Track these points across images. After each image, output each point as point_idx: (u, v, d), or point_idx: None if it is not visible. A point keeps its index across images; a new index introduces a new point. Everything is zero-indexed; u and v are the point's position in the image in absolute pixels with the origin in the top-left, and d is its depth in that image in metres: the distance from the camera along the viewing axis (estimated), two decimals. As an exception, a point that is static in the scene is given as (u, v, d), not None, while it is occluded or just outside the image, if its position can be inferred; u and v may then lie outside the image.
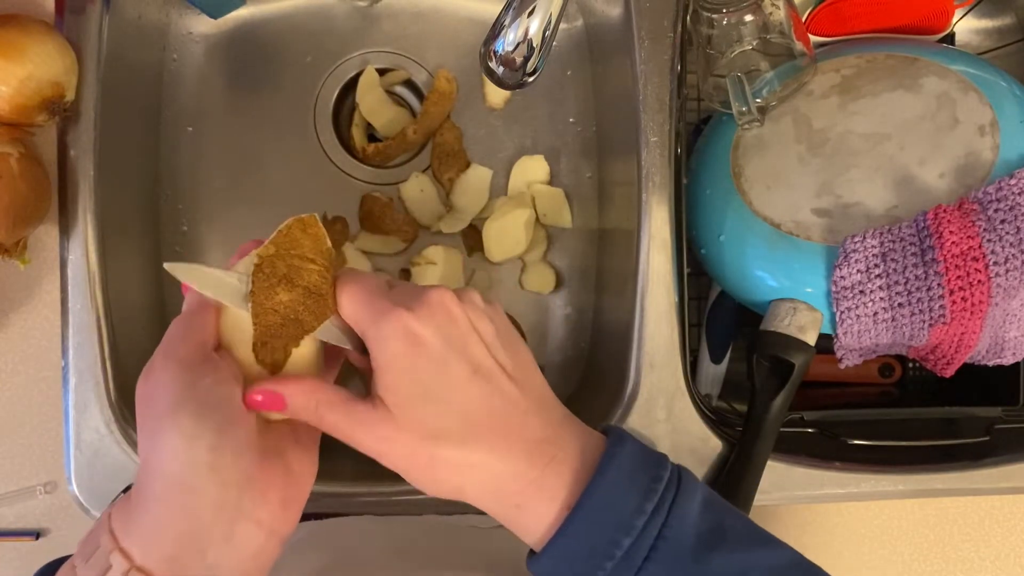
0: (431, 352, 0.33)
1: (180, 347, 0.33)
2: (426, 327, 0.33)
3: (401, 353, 0.33)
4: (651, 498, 0.33)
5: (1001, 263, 0.47)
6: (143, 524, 0.31)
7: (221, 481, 0.31)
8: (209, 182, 0.65)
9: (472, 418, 0.33)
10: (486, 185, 0.65)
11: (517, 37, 0.42)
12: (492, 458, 0.33)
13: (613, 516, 0.33)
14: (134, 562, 0.30)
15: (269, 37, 0.65)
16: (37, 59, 0.49)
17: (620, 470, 0.34)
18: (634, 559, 0.33)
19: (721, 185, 0.56)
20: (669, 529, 0.33)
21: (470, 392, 0.33)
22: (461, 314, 0.34)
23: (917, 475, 0.57)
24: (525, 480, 0.34)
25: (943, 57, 0.54)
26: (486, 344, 0.34)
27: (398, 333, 0.33)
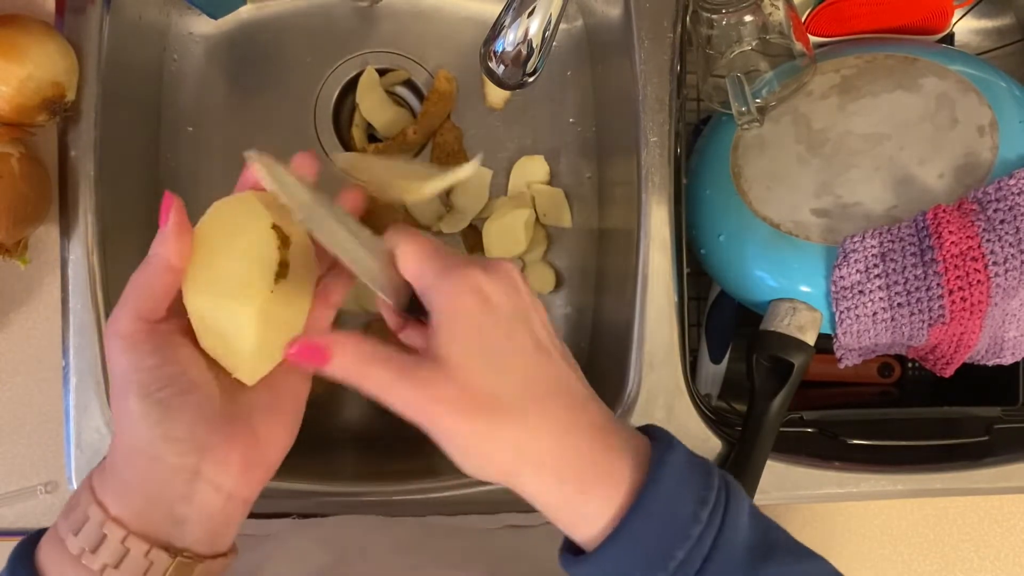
0: (499, 314, 0.31)
1: (123, 322, 0.33)
2: (496, 289, 0.32)
3: (470, 308, 0.31)
4: (705, 506, 0.32)
5: (1000, 263, 0.47)
6: (115, 484, 0.32)
7: (177, 450, 0.32)
8: (209, 182, 0.65)
9: (536, 388, 0.31)
10: (486, 185, 0.66)
11: (517, 37, 0.42)
12: (557, 429, 0.31)
13: (670, 523, 0.31)
14: (109, 513, 0.31)
15: (269, 37, 0.65)
16: (37, 59, 0.49)
17: (675, 476, 0.32)
18: (688, 570, 0.31)
19: (721, 185, 0.57)
20: (723, 539, 0.31)
21: (535, 361, 0.32)
22: (526, 289, 0.33)
23: (917, 475, 0.57)
24: (588, 460, 0.31)
25: (942, 57, 0.54)
26: (543, 323, 0.33)
27: (469, 288, 0.31)
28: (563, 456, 0.31)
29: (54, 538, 0.32)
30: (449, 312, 0.31)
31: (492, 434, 0.30)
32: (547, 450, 0.31)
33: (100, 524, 0.31)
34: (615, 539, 0.31)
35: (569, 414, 0.32)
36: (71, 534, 0.32)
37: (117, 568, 0.31)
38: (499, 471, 0.31)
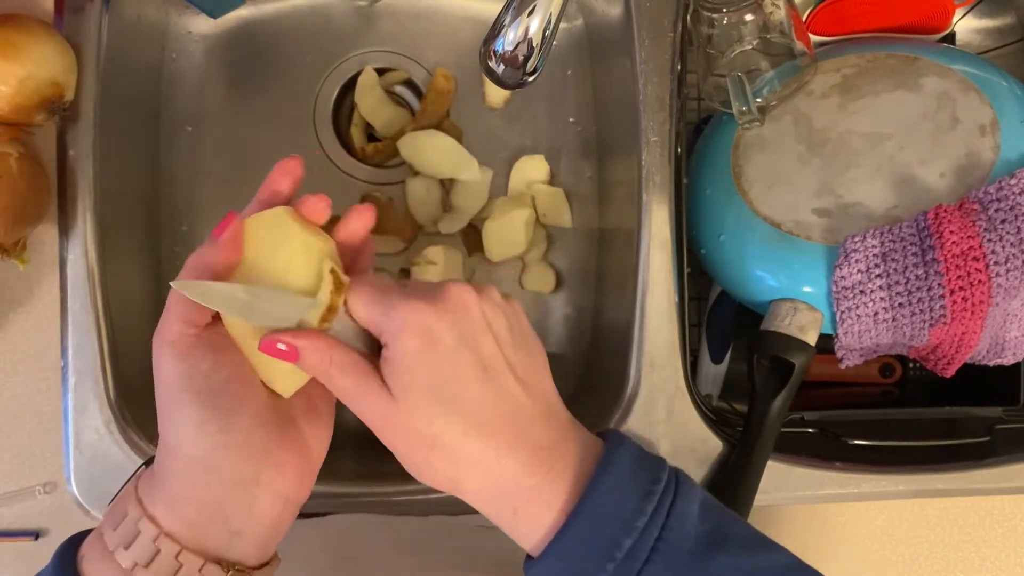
0: (443, 347, 0.32)
1: (172, 328, 0.33)
2: (440, 320, 0.32)
3: (413, 348, 0.32)
4: (651, 499, 0.33)
5: (1002, 263, 0.47)
6: (167, 496, 0.32)
7: (237, 458, 0.32)
8: (209, 182, 0.65)
9: (476, 416, 0.33)
10: (486, 185, 0.65)
11: (517, 37, 0.42)
12: (492, 457, 0.33)
13: (613, 518, 0.33)
14: (162, 528, 0.32)
15: (269, 37, 0.65)
16: (36, 59, 0.49)
17: (619, 473, 0.34)
18: (635, 560, 0.32)
19: (721, 185, 0.56)
20: (669, 531, 0.33)
21: (477, 391, 0.33)
22: (477, 309, 0.34)
23: (917, 475, 0.57)
24: (523, 486, 0.34)
25: (943, 57, 0.54)
26: (499, 342, 0.34)
27: (412, 326, 0.32)
28: (498, 478, 0.34)
29: (99, 548, 0.32)
30: (395, 352, 0.32)
31: (431, 454, 0.33)
32: (484, 472, 0.33)
33: (152, 539, 0.31)
34: (556, 543, 0.33)
35: (507, 442, 0.33)
36: (121, 548, 0.32)
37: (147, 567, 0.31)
38: (443, 482, 0.34)
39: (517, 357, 0.35)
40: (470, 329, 0.33)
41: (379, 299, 0.33)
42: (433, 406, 0.32)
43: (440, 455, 0.33)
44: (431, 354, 0.32)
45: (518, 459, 0.33)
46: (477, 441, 0.33)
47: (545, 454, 0.34)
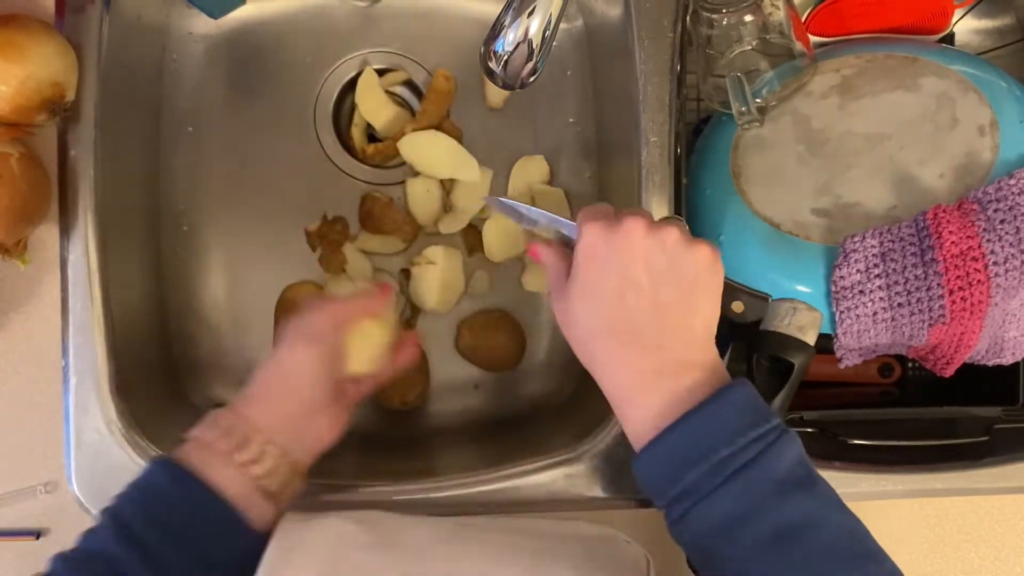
0: (597, 262, 0.41)
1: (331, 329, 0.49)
2: (605, 243, 0.40)
3: (581, 254, 0.41)
4: (756, 429, 0.37)
5: (1000, 263, 0.47)
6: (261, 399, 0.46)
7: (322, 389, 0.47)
8: (209, 182, 0.65)
9: (610, 325, 0.40)
10: (486, 185, 0.65)
11: (517, 37, 0.42)
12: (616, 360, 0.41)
13: (718, 430, 0.37)
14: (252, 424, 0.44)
15: (269, 37, 0.65)
16: (37, 59, 0.49)
17: (733, 399, 0.38)
18: (727, 468, 0.36)
19: (721, 185, 0.57)
20: (764, 457, 0.37)
21: (612, 302, 0.40)
22: (640, 243, 0.40)
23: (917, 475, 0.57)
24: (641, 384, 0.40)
25: (943, 57, 0.54)
26: (648, 273, 0.40)
27: (584, 239, 0.41)
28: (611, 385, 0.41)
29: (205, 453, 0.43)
30: (575, 257, 0.42)
31: (575, 343, 0.43)
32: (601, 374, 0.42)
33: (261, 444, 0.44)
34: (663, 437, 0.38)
35: (633, 351, 0.40)
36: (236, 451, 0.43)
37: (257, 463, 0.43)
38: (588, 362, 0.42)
39: (663, 291, 0.40)
40: (624, 255, 0.40)
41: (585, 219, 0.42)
42: (582, 301, 0.41)
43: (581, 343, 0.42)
44: (589, 263, 0.41)
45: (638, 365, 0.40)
46: (604, 339, 0.41)
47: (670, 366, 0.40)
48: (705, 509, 0.37)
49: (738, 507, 0.36)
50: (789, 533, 0.35)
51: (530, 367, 0.67)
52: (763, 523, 0.36)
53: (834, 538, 0.36)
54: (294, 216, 0.65)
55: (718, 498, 0.37)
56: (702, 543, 0.38)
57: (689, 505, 0.37)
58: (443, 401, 0.67)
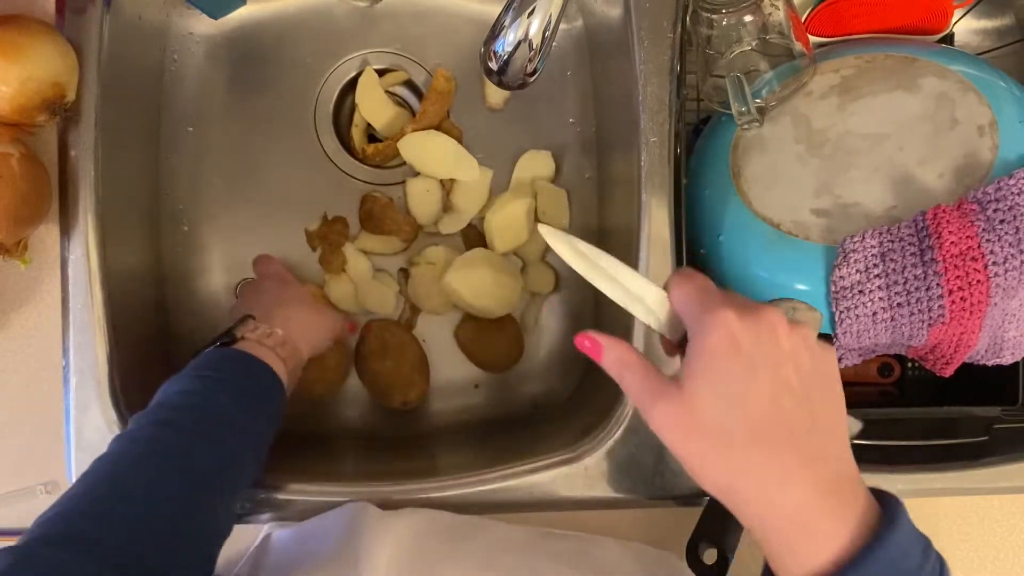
0: (743, 356, 0.34)
1: None
2: (747, 333, 0.34)
3: (715, 347, 0.34)
4: (928, 556, 0.34)
5: (1000, 263, 0.47)
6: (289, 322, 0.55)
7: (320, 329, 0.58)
8: (209, 182, 0.65)
9: (760, 432, 0.33)
10: (486, 185, 0.66)
11: (517, 37, 0.42)
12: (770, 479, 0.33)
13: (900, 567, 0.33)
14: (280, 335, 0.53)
15: (269, 38, 0.65)
16: (37, 59, 0.49)
17: (906, 531, 0.34)
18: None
19: (721, 185, 0.57)
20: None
21: (765, 404, 0.33)
22: (786, 337, 0.35)
23: (916, 475, 0.57)
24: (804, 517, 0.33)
25: (942, 57, 0.54)
26: (800, 374, 0.35)
27: (720, 329, 0.34)
28: (769, 509, 0.34)
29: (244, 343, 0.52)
30: (698, 348, 0.35)
31: (705, 458, 0.34)
32: (755, 495, 0.34)
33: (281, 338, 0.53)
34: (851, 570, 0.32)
35: (788, 467, 0.33)
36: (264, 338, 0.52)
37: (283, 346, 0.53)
38: (712, 489, 0.34)
39: (812, 394, 0.35)
40: (772, 351, 0.34)
41: (700, 298, 0.36)
42: (720, 405, 0.33)
43: (718, 454, 0.34)
44: (730, 357, 0.34)
45: (796, 490, 0.33)
46: (756, 457, 0.33)
47: (827, 489, 0.34)
48: None
49: None
50: None
51: (530, 367, 0.67)
52: None
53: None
54: (294, 216, 0.65)
55: None
56: None
57: None
58: (443, 401, 0.67)
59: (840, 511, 0.33)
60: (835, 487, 0.34)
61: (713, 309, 0.34)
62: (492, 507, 0.54)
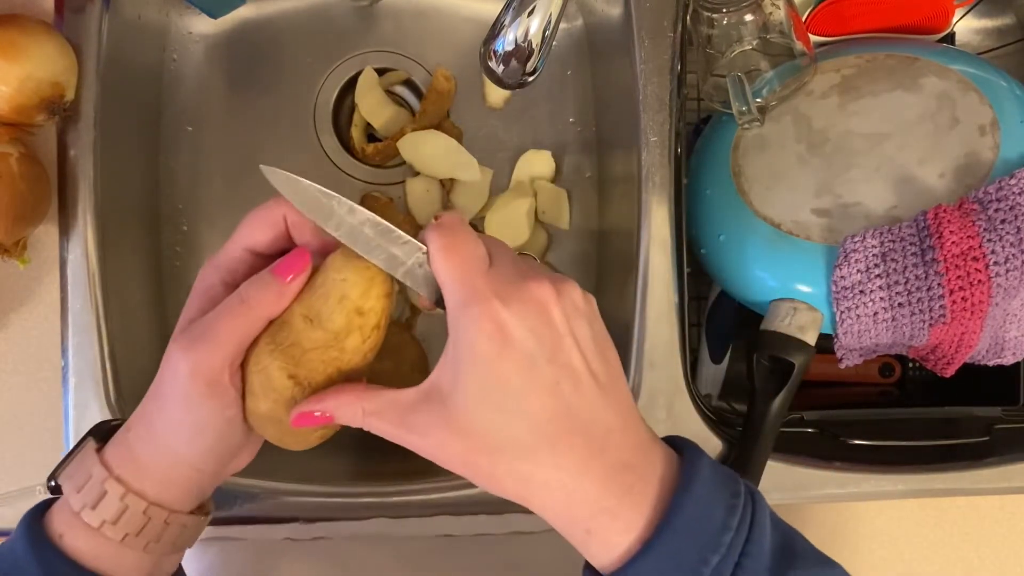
0: (517, 352, 0.30)
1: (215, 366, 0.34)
2: (518, 322, 0.30)
3: (486, 348, 0.30)
4: (734, 514, 0.32)
5: (1001, 263, 0.47)
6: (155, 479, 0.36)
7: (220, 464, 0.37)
8: (209, 182, 0.65)
9: (546, 431, 0.30)
10: (486, 185, 0.65)
11: (517, 37, 0.42)
12: (562, 476, 0.31)
13: (701, 534, 0.31)
14: (131, 488, 0.35)
15: (269, 37, 0.65)
16: (37, 59, 0.49)
17: (703, 488, 0.32)
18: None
19: (721, 185, 0.56)
20: (752, 545, 0.31)
21: (549, 403, 0.30)
22: (560, 314, 0.31)
23: (917, 475, 0.57)
24: (598, 506, 0.31)
25: (943, 57, 0.54)
26: (581, 350, 0.31)
27: (487, 327, 0.30)
28: (570, 498, 0.31)
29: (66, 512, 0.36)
30: (465, 349, 0.30)
31: (493, 472, 0.31)
32: (554, 491, 0.31)
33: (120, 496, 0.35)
34: (641, 559, 0.31)
35: (580, 459, 0.31)
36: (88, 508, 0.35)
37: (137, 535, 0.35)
38: (512, 496, 0.32)
39: (599, 363, 0.32)
40: (548, 336, 0.31)
41: (463, 276, 0.31)
42: (496, 418, 0.30)
43: (506, 470, 0.31)
44: (502, 358, 0.30)
45: (593, 478, 0.31)
46: (546, 455, 0.30)
47: (624, 473, 0.31)
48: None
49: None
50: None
51: (530, 367, 0.67)
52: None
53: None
54: (294, 216, 0.65)
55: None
56: None
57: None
58: (443, 401, 0.66)
59: (639, 485, 0.32)
60: (630, 463, 0.32)
61: (477, 297, 0.30)
62: (492, 507, 0.54)
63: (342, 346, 0.34)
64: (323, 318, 0.33)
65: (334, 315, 0.33)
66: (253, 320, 0.34)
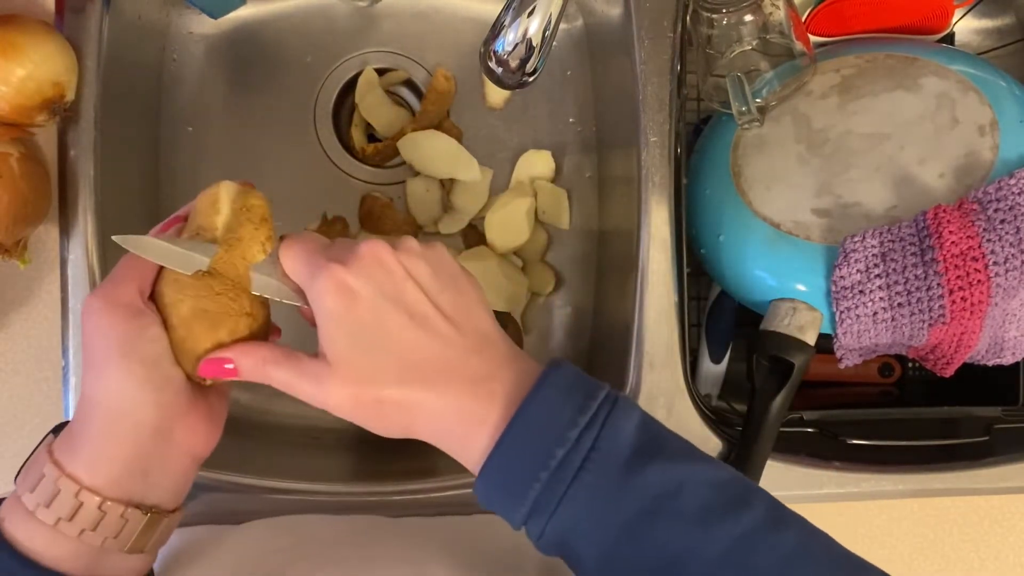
0: (364, 304, 0.34)
1: (124, 291, 0.36)
2: (357, 279, 0.34)
3: (336, 307, 0.34)
4: (585, 413, 0.34)
5: (1001, 263, 0.47)
6: (90, 454, 0.35)
7: (162, 416, 0.35)
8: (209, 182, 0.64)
9: (410, 362, 0.34)
10: (486, 185, 0.65)
11: (517, 37, 0.42)
12: (434, 397, 0.35)
13: (546, 429, 0.34)
14: (83, 484, 0.34)
15: (269, 37, 0.65)
16: (37, 59, 0.49)
17: (554, 388, 0.35)
18: (568, 469, 0.33)
19: (721, 185, 0.56)
20: (603, 441, 0.34)
21: (406, 339, 0.35)
22: (395, 262, 0.35)
23: (917, 475, 0.57)
24: (465, 415, 0.35)
25: (943, 57, 0.54)
26: (423, 289, 0.36)
27: (331, 288, 0.34)
28: (444, 415, 0.35)
29: (19, 511, 0.34)
30: (323, 314, 0.35)
31: (380, 407, 0.34)
32: (430, 413, 0.35)
33: (74, 494, 0.34)
34: (494, 455, 0.34)
35: (445, 381, 0.35)
36: (42, 506, 0.34)
37: (95, 530, 0.34)
38: (398, 431, 0.35)
39: (444, 298, 0.36)
40: (388, 281, 0.35)
41: (306, 260, 0.36)
42: (365, 359, 0.34)
43: (387, 404, 0.34)
44: (353, 311, 0.34)
45: (460, 393, 0.35)
46: (416, 385, 0.34)
47: (483, 385, 0.35)
48: (560, 521, 0.33)
49: (594, 506, 0.33)
50: (652, 508, 0.33)
51: (530, 367, 0.67)
52: (621, 512, 0.33)
53: (696, 498, 0.34)
54: (294, 216, 0.65)
55: (569, 506, 0.33)
56: (569, 552, 0.34)
57: (543, 523, 0.34)
58: (443, 401, 0.66)
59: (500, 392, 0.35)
60: (494, 374, 0.35)
61: (319, 269, 0.35)
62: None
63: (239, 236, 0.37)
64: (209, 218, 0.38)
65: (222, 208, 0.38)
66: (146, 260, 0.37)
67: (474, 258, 0.63)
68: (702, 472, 0.34)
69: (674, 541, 0.33)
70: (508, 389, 0.35)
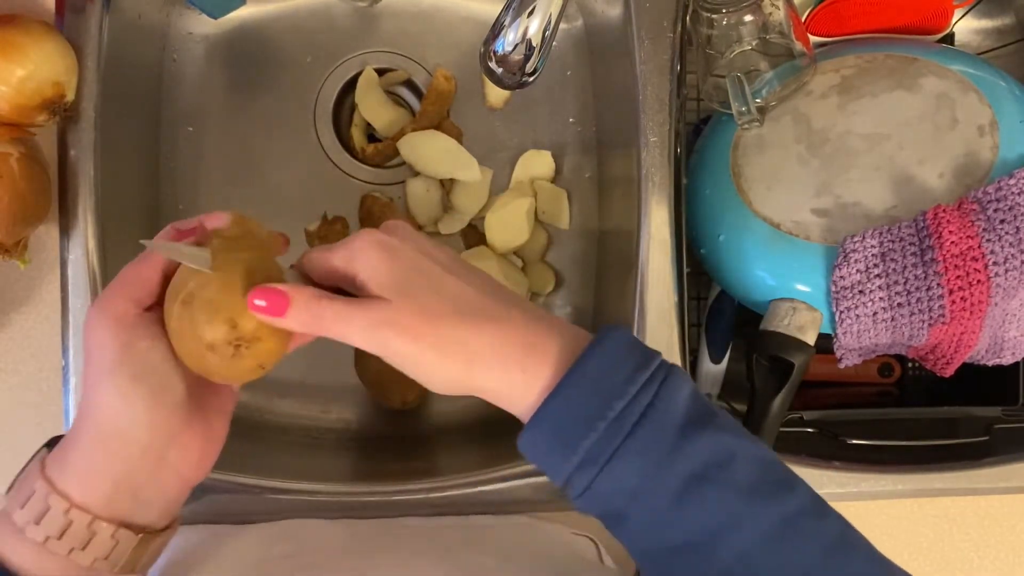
0: (406, 255, 0.35)
1: (118, 303, 0.35)
2: (392, 237, 0.35)
3: (380, 257, 0.35)
4: (644, 372, 0.34)
5: (1000, 263, 0.47)
6: (80, 469, 0.34)
7: (155, 434, 0.34)
8: (209, 182, 0.65)
9: (463, 299, 0.35)
10: (486, 185, 0.66)
11: (517, 37, 0.42)
12: (492, 327, 0.34)
13: (607, 381, 0.34)
14: (73, 501, 0.33)
15: (269, 37, 0.65)
16: (37, 59, 0.49)
17: (614, 342, 0.35)
18: (625, 422, 0.33)
19: (721, 185, 0.57)
20: (661, 400, 0.33)
21: (452, 282, 0.35)
22: (415, 235, 0.37)
23: (917, 475, 0.57)
24: (526, 344, 0.35)
25: (942, 57, 0.54)
26: (447, 258, 0.37)
27: (373, 243, 0.35)
28: (504, 347, 0.34)
29: (7, 527, 0.33)
30: (367, 269, 0.34)
31: (439, 343, 0.34)
32: (488, 345, 0.34)
33: (64, 511, 0.33)
34: (551, 400, 0.34)
35: (502, 308, 0.35)
36: (32, 523, 0.33)
37: (84, 550, 0.33)
38: (457, 371, 0.34)
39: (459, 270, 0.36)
40: (420, 243, 0.36)
41: (329, 248, 0.36)
42: (421, 297, 0.34)
43: (447, 338, 0.34)
44: (397, 260, 0.35)
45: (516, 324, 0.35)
46: (476, 318, 0.34)
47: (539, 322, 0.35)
48: (610, 475, 0.33)
49: (646, 464, 0.33)
50: (703, 474, 0.33)
51: (530, 367, 0.67)
52: (673, 474, 0.33)
53: (746, 472, 0.33)
54: (294, 216, 0.65)
55: (621, 461, 0.33)
56: (612, 509, 0.34)
57: (592, 475, 0.33)
58: (443, 401, 0.67)
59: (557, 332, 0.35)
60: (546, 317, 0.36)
61: (351, 238, 0.35)
62: (492, 507, 0.54)
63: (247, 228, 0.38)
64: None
65: None
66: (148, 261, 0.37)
67: (474, 258, 0.63)
68: (752, 448, 0.34)
69: (722, 511, 0.33)
70: (567, 332, 0.35)
